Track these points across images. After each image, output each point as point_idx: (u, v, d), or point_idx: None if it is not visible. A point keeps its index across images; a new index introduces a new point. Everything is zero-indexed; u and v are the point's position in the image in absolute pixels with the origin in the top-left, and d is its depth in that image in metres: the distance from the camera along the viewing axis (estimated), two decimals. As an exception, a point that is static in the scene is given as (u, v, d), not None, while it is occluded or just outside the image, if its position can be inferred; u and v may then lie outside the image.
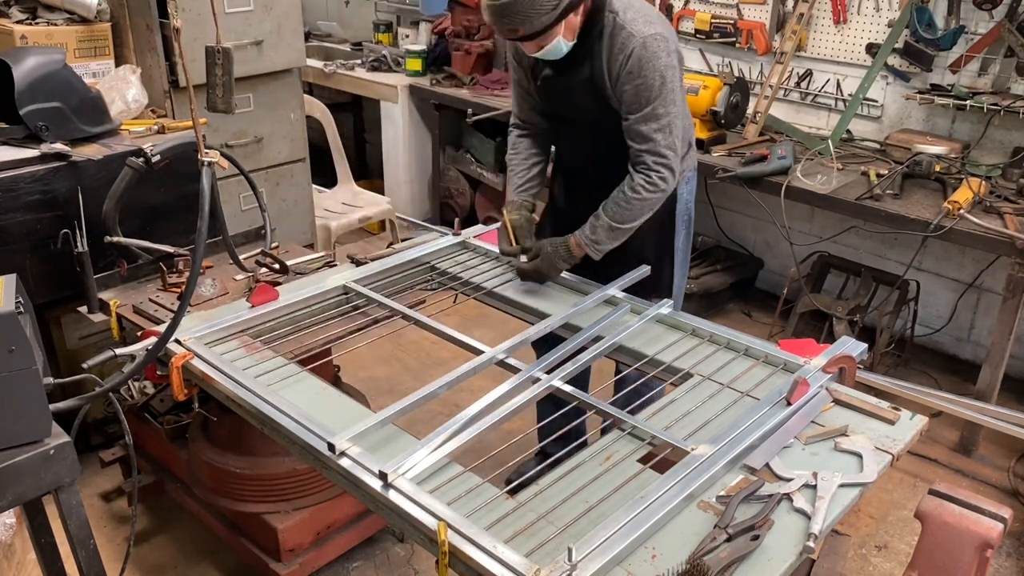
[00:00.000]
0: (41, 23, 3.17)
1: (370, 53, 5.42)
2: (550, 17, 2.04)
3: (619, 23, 2.15)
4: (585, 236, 2.30)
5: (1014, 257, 2.95)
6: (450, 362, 3.72)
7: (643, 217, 2.28)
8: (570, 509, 1.56)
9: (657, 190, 2.23)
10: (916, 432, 1.78)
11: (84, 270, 2.38)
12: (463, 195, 5.16)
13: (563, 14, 2.07)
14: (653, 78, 2.13)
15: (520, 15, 2.02)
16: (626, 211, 2.25)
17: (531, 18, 2.03)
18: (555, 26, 2.08)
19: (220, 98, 2.14)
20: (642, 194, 2.23)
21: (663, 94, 2.14)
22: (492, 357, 2.03)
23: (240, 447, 2.47)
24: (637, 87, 2.14)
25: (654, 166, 2.21)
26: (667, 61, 2.14)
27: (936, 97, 3.48)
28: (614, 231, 2.27)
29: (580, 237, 2.30)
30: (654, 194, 2.23)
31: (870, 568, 2.76)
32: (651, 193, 2.23)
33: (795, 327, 3.79)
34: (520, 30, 2.06)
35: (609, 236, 2.28)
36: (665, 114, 2.17)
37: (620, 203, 2.26)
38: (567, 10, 2.07)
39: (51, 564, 1.96)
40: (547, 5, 2.02)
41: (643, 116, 2.17)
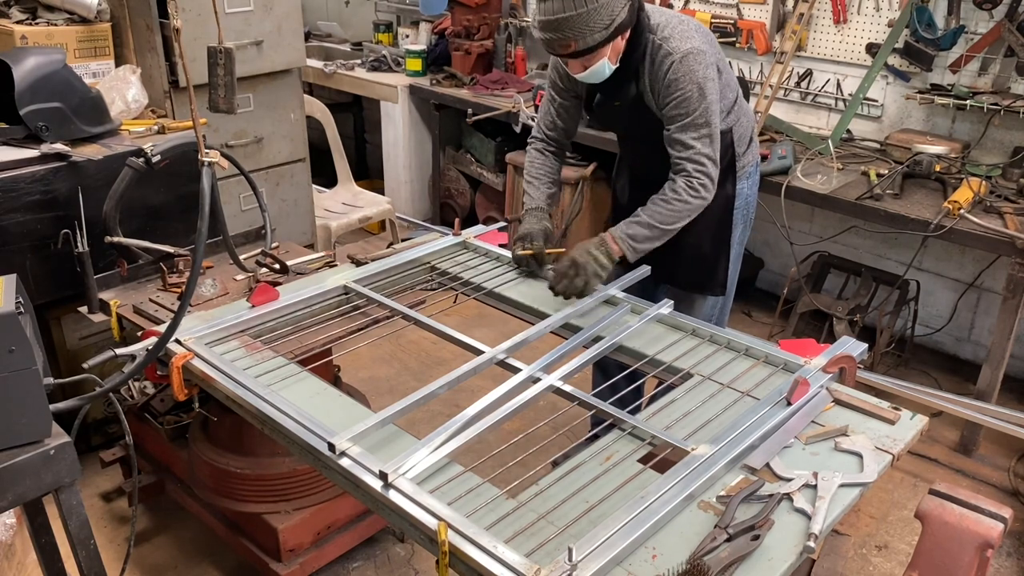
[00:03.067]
0: (41, 23, 3.17)
1: (370, 53, 5.42)
2: (603, 35, 2.10)
3: (657, 43, 2.21)
4: (622, 232, 2.28)
5: (1014, 257, 2.95)
6: (450, 362, 3.71)
7: (682, 222, 2.29)
8: (570, 509, 1.56)
9: (698, 196, 2.26)
10: (916, 432, 1.78)
11: (84, 270, 2.38)
12: (463, 195, 5.16)
13: (615, 33, 2.13)
14: (691, 90, 2.18)
15: (575, 29, 2.07)
16: (666, 212, 2.27)
17: (584, 34, 2.08)
18: (605, 45, 2.14)
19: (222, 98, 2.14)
20: (683, 196, 2.26)
21: (702, 105, 2.20)
22: (492, 357, 2.03)
23: (240, 447, 2.47)
24: (676, 100, 2.21)
25: (694, 173, 2.25)
26: (704, 74, 2.19)
27: (936, 97, 3.48)
28: (652, 230, 2.27)
29: (617, 232, 2.28)
30: (695, 199, 2.26)
31: (870, 568, 2.76)
32: (693, 198, 2.26)
33: (795, 327, 3.79)
34: (573, 45, 2.11)
35: (647, 235, 2.28)
36: (704, 124, 2.22)
37: (659, 203, 2.28)
38: (619, 30, 2.13)
39: (51, 564, 1.96)
40: (601, 23, 2.08)
41: (682, 126, 2.23)
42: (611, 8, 2.08)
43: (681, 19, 2.28)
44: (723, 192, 2.50)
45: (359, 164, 6.01)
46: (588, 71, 2.21)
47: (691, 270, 2.57)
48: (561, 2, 2.05)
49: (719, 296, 2.64)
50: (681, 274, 2.60)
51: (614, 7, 2.09)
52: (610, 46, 2.16)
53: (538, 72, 4.89)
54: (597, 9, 2.06)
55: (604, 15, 2.08)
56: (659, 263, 2.51)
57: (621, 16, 2.11)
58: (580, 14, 2.05)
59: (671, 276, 2.63)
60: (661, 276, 2.64)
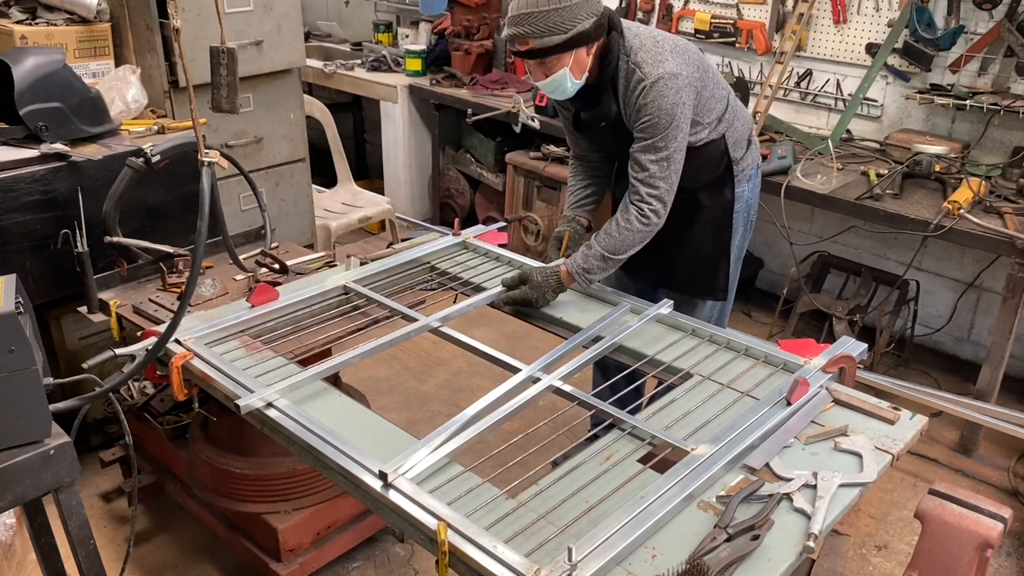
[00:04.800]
0: (41, 23, 3.17)
1: (370, 53, 5.42)
2: (561, 39, 2.10)
3: (631, 66, 2.20)
4: (576, 265, 2.30)
5: (1014, 257, 2.95)
6: (450, 362, 3.72)
7: (634, 248, 2.30)
8: (570, 509, 1.56)
9: (648, 223, 2.26)
10: (916, 432, 1.78)
11: (84, 270, 2.38)
12: (463, 195, 5.16)
13: (575, 41, 2.12)
14: (659, 116, 2.18)
15: (535, 25, 2.08)
16: (617, 241, 2.27)
17: (543, 32, 2.09)
18: (564, 52, 2.13)
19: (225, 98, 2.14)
20: (634, 226, 2.26)
21: (667, 131, 2.19)
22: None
23: (240, 447, 2.47)
24: (645, 124, 2.20)
25: (647, 197, 2.24)
26: (675, 99, 2.18)
27: (936, 97, 3.48)
28: (606, 260, 2.29)
29: (571, 266, 2.30)
30: (645, 227, 2.26)
31: (870, 568, 2.76)
32: (643, 226, 2.26)
33: (795, 327, 3.79)
34: (531, 42, 2.11)
35: (601, 266, 2.29)
36: (665, 147, 2.21)
37: (612, 234, 2.28)
38: (580, 39, 2.12)
39: (51, 564, 1.96)
40: (561, 26, 2.08)
41: (644, 147, 2.23)
42: (573, 14, 2.09)
43: (656, 40, 2.24)
44: (722, 197, 2.51)
45: (359, 164, 6.01)
46: (549, 80, 2.19)
47: (692, 275, 2.57)
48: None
49: (720, 300, 2.64)
50: (681, 279, 2.60)
51: (577, 14, 2.09)
52: (571, 56, 2.15)
53: (538, 72, 4.88)
54: (559, 11, 2.07)
55: (565, 18, 2.08)
56: (659, 268, 2.51)
57: (584, 26, 2.11)
58: (541, 12, 2.07)
59: (671, 281, 2.63)
60: (661, 281, 2.64)
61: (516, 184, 4.55)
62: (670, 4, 4.38)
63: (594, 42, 2.17)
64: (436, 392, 3.59)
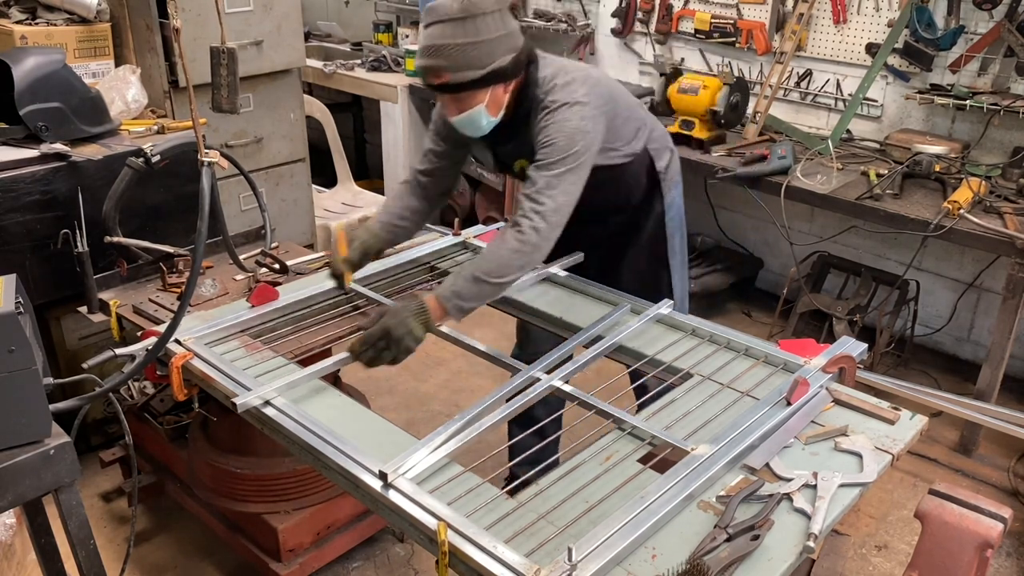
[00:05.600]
0: (41, 23, 3.17)
1: (370, 53, 5.42)
2: (477, 74, 1.98)
3: (540, 97, 2.11)
4: (446, 290, 2.01)
5: (1014, 257, 2.95)
6: (450, 362, 3.72)
7: (512, 275, 2.04)
8: (570, 509, 1.56)
9: (525, 241, 2.02)
10: (916, 432, 1.78)
11: (84, 270, 2.38)
12: (463, 195, 5.16)
13: (492, 77, 2.01)
14: (559, 138, 2.06)
15: (451, 58, 1.96)
16: (491, 262, 2.03)
17: (460, 66, 1.97)
18: (480, 88, 2.02)
19: (225, 98, 2.14)
20: (509, 243, 2.03)
21: (567, 153, 2.06)
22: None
23: (240, 447, 2.47)
24: (544, 144, 2.08)
25: (528, 212, 2.04)
26: (578, 125, 2.07)
27: (936, 97, 3.48)
28: (479, 283, 2.01)
29: (440, 291, 2.02)
30: (522, 245, 2.02)
31: (870, 568, 2.76)
32: (519, 243, 2.02)
33: (795, 327, 3.79)
34: (446, 76, 1.98)
35: (473, 290, 2.01)
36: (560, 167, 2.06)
37: (485, 254, 2.09)
38: (497, 76, 2.02)
39: (51, 564, 1.96)
40: (479, 61, 1.97)
41: (539, 165, 2.08)
42: (491, 50, 1.98)
43: (567, 71, 2.14)
44: (653, 210, 2.46)
45: (359, 164, 6.00)
46: (463, 116, 2.08)
47: (633, 289, 2.45)
48: (443, 29, 1.95)
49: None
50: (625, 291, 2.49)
51: (495, 50, 1.99)
52: (487, 93, 2.03)
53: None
54: (476, 45, 1.96)
55: (483, 54, 1.97)
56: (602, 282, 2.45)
57: (502, 63, 2.00)
58: (458, 45, 1.95)
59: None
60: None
61: (516, 184, 4.55)
62: (670, 4, 4.38)
63: (512, 80, 2.07)
64: (436, 392, 3.59)
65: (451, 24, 1.96)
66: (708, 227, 4.57)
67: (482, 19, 1.96)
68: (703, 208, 4.56)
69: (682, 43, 4.45)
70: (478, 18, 1.96)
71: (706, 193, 4.48)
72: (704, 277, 4.21)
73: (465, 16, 1.95)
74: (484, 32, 1.97)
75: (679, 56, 4.45)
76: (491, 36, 1.98)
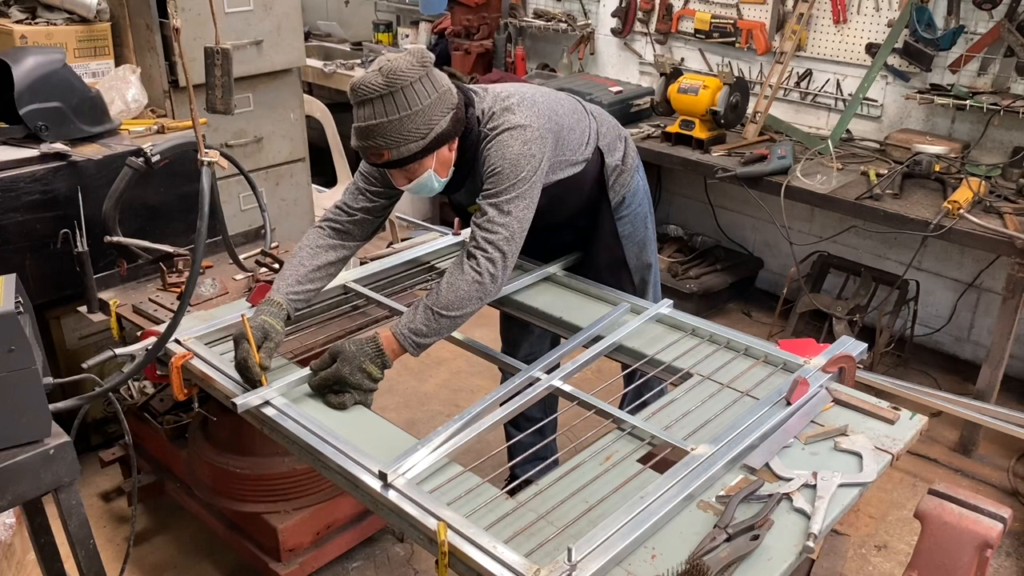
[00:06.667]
0: (41, 23, 3.17)
1: (370, 53, 5.42)
2: (419, 145, 1.91)
3: (484, 133, 2.05)
4: (403, 327, 1.94)
5: (1014, 257, 2.95)
6: (450, 362, 3.72)
7: (470, 307, 1.97)
8: (570, 509, 1.56)
9: (481, 272, 1.96)
10: (916, 432, 1.78)
11: (84, 270, 2.38)
12: (463, 195, 5.16)
13: (434, 143, 1.93)
14: (503, 164, 2.00)
15: (388, 137, 1.88)
16: (447, 295, 1.95)
17: (399, 143, 1.89)
18: (425, 156, 1.94)
19: (219, 99, 2.14)
20: (467, 274, 1.96)
21: (515, 181, 2.00)
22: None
23: (240, 447, 2.47)
24: (490, 173, 2.02)
25: (482, 243, 1.98)
26: (521, 150, 2.00)
27: (936, 97, 3.47)
28: (437, 317, 1.94)
29: (395, 328, 1.95)
30: (478, 275, 1.96)
31: (870, 568, 2.76)
32: (475, 273, 1.96)
33: (795, 327, 3.79)
34: (387, 154, 1.91)
35: (431, 325, 1.94)
36: (508, 195, 2.00)
37: (441, 287, 1.97)
38: (439, 141, 1.94)
39: (51, 564, 1.96)
40: (417, 132, 1.89)
41: (487, 194, 2.02)
42: (428, 117, 1.89)
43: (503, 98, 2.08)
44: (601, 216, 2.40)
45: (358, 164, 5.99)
46: (413, 184, 2.01)
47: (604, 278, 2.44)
48: (372, 108, 1.86)
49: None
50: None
51: (432, 116, 1.90)
52: (433, 157, 1.96)
53: (538, 72, 4.89)
54: (411, 117, 1.87)
55: (420, 124, 1.88)
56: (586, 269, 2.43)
57: (441, 126, 1.92)
58: (392, 121, 1.86)
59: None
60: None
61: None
62: (670, 4, 4.38)
63: (455, 136, 1.99)
64: (436, 392, 3.59)
65: (379, 101, 1.86)
66: (708, 227, 4.57)
67: (409, 89, 1.86)
68: (703, 208, 4.56)
69: (682, 43, 4.45)
70: (405, 88, 1.86)
71: (706, 193, 4.48)
72: (704, 277, 4.21)
73: (392, 90, 1.85)
74: (415, 101, 1.87)
75: (679, 56, 4.46)
76: (424, 103, 1.89)
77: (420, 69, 1.88)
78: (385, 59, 1.89)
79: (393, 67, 1.86)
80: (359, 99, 1.88)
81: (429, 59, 1.93)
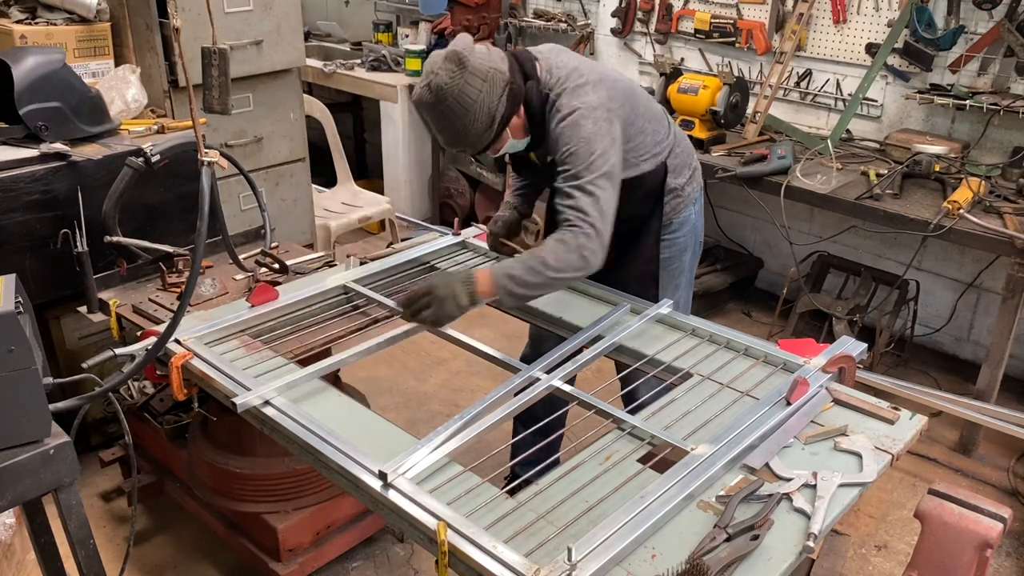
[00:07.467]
0: (41, 23, 3.17)
1: (370, 53, 5.42)
2: (489, 134, 2.05)
3: (552, 99, 2.12)
4: (500, 269, 2.03)
5: (1014, 257, 2.95)
6: (450, 361, 3.72)
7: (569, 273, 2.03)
8: (570, 509, 1.56)
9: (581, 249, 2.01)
10: (916, 432, 1.78)
11: (84, 270, 2.38)
12: (463, 195, 5.16)
13: (501, 126, 2.06)
14: (577, 145, 2.07)
15: (462, 141, 2.06)
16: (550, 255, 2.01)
17: (470, 142, 2.06)
18: (499, 138, 2.09)
19: (216, 99, 2.14)
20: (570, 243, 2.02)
21: (588, 160, 2.06)
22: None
23: (240, 447, 2.47)
24: (564, 156, 2.09)
25: (575, 223, 2.04)
26: (593, 129, 2.07)
27: (936, 97, 3.48)
28: (535, 273, 2.01)
29: (496, 268, 2.04)
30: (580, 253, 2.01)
31: (870, 568, 2.76)
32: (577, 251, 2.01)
33: (795, 327, 3.79)
34: (468, 149, 2.12)
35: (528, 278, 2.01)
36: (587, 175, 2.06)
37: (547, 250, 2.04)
38: (504, 122, 2.06)
39: (51, 564, 1.96)
40: (482, 126, 2.02)
41: (566, 177, 2.09)
42: (487, 109, 2.00)
43: (581, 71, 2.14)
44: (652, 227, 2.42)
45: (359, 164, 6.00)
46: (501, 152, 2.19)
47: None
48: (433, 119, 2.02)
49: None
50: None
51: (490, 106, 2.00)
52: (506, 132, 2.10)
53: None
54: (473, 117, 1.99)
55: (482, 118, 2.01)
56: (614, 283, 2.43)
57: (501, 109, 2.02)
58: (458, 128, 2.01)
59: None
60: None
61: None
62: (670, 4, 4.38)
63: (518, 107, 2.10)
64: (436, 392, 3.59)
65: (438, 115, 2.00)
66: (708, 227, 4.52)
67: (459, 95, 1.97)
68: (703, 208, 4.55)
69: (682, 43, 4.45)
70: (455, 96, 1.97)
71: (706, 193, 4.47)
72: (704, 277, 4.21)
73: (443, 103, 1.98)
74: (468, 102, 1.98)
75: (679, 56, 4.46)
76: (477, 99, 1.98)
77: (460, 72, 1.97)
78: (429, 69, 1.99)
79: (438, 82, 1.98)
80: (421, 112, 2.05)
81: (465, 56, 1.99)
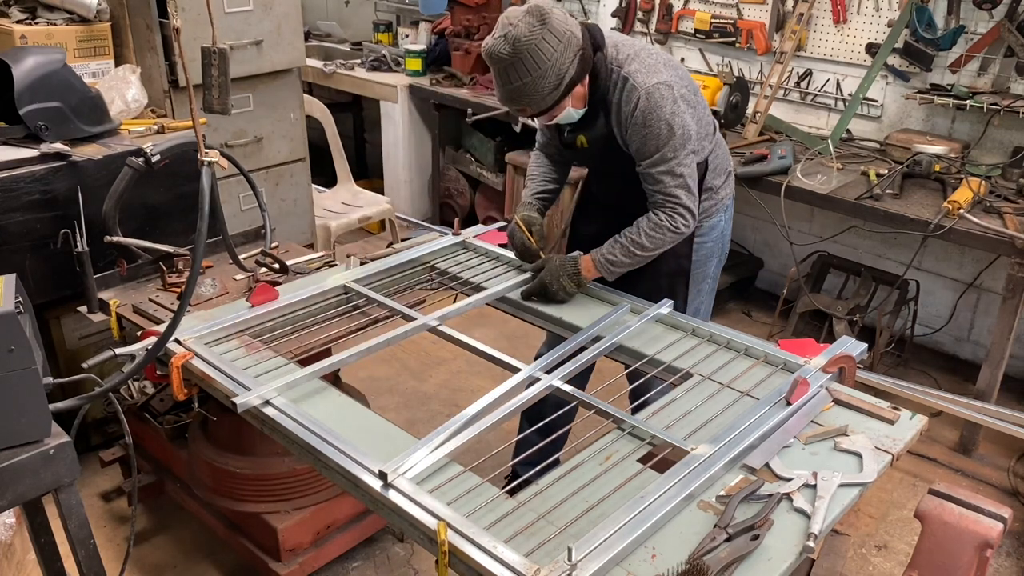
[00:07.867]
0: (41, 23, 3.17)
1: (370, 53, 5.42)
2: (555, 95, 2.10)
3: (623, 76, 2.17)
4: (602, 255, 2.28)
5: (1014, 257, 2.95)
6: (450, 362, 3.72)
7: (662, 248, 2.27)
8: (570, 509, 1.56)
9: (676, 229, 2.24)
10: (916, 432, 1.78)
11: (84, 270, 2.38)
12: (463, 195, 5.16)
13: (567, 90, 2.11)
14: (659, 127, 2.14)
15: (526, 98, 2.09)
16: (646, 239, 2.24)
17: (536, 100, 2.09)
18: (562, 101, 2.13)
19: (216, 99, 2.14)
20: (664, 225, 2.23)
21: (671, 140, 2.15)
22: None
23: (240, 447, 2.47)
24: (644, 136, 2.17)
25: (666, 204, 2.22)
26: (673, 108, 2.14)
27: (936, 97, 3.48)
28: (633, 255, 2.26)
29: (596, 255, 2.29)
30: (674, 232, 2.24)
31: (870, 568, 2.76)
32: (671, 231, 2.23)
33: (795, 327, 3.79)
34: (528, 110, 2.14)
35: (626, 257, 2.27)
36: (674, 157, 2.18)
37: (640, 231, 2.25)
38: (571, 86, 2.11)
39: (51, 564, 1.96)
40: (550, 85, 2.07)
41: (652, 162, 2.19)
42: (558, 69, 2.05)
43: (650, 51, 2.22)
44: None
45: (359, 164, 6.00)
46: (557, 118, 2.22)
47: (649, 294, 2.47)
48: (507, 75, 2.05)
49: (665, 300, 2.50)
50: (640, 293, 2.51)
51: (561, 67, 2.05)
52: (569, 97, 2.14)
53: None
54: (543, 75, 2.04)
55: (552, 78, 2.06)
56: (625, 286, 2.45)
57: (571, 72, 2.08)
58: (526, 84, 2.05)
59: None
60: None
61: (516, 184, 4.55)
62: (670, 4, 4.38)
63: (585, 75, 2.15)
64: (436, 392, 3.59)
65: (511, 68, 2.03)
66: (708, 227, 4.56)
67: (535, 51, 2.02)
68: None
69: (682, 43, 4.45)
70: (531, 51, 2.01)
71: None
72: (704, 277, 4.21)
73: (519, 56, 2.01)
74: (542, 60, 2.03)
75: (679, 56, 4.46)
76: (552, 58, 2.03)
77: (540, 28, 2.01)
78: (507, 21, 2.03)
79: (516, 34, 2.00)
80: (494, 65, 2.06)
81: (547, 13, 2.03)
